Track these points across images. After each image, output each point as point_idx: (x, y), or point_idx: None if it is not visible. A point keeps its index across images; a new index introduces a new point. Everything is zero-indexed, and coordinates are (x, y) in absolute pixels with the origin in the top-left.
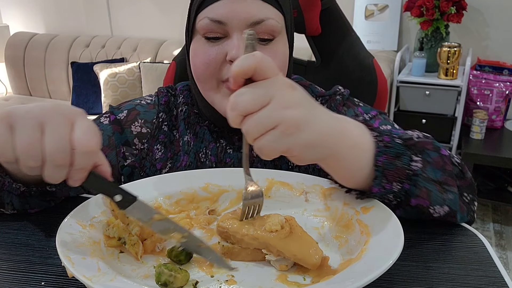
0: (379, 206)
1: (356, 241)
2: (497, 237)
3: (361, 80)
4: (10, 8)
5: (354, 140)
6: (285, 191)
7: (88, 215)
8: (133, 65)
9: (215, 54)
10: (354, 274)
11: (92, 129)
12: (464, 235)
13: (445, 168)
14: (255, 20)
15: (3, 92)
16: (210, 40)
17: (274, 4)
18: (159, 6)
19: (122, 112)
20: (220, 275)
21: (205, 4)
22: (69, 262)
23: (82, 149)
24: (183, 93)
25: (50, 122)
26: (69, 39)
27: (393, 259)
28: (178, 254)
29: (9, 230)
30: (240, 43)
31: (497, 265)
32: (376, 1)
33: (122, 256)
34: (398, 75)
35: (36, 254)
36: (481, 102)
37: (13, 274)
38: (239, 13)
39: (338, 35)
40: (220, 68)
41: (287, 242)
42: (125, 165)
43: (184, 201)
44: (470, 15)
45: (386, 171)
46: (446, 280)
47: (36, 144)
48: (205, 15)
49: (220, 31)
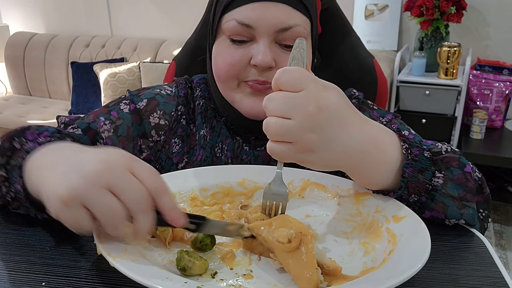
0: (412, 217)
1: (383, 250)
2: (497, 237)
3: (361, 80)
4: (10, 8)
5: (384, 154)
6: (319, 192)
7: None
8: (133, 65)
9: (239, 57)
10: (367, 283)
11: (150, 168)
12: (465, 236)
13: (466, 185)
14: (284, 26)
15: (3, 92)
16: (236, 43)
17: (303, 10)
18: (159, 6)
19: (142, 101)
20: (240, 269)
21: (233, 6)
22: (99, 240)
23: (156, 188)
24: (200, 86)
25: (115, 182)
26: (69, 39)
27: (408, 276)
28: (203, 239)
29: (10, 230)
30: (266, 49)
31: (498, 265)
32: (376, 1)
33: (153, 241)
34: (398, 75)
35: (37, 255)
36: (481, 102)
37: (14, 274)
38: (269, 19)
39: (338, 35)
40: (243, 70)
41: (288, 257)
42: (140, 158)
43: (220, 194)
44: (470, 15)
45: (409, 183)
46: (447, 280)
47: (117, 206)
48: (233, 17)
49: (247, 34)
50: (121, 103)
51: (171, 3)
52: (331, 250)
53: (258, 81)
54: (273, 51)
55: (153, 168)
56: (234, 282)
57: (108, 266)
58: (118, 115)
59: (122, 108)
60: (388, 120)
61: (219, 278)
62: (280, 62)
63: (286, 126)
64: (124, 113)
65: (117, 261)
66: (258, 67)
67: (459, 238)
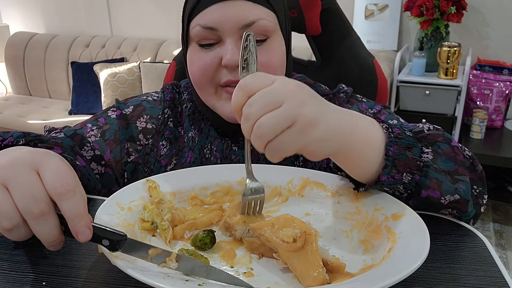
0: (411, 215)
1: (382, 248)
2: (497, 237)
3: (361, 80)
4: (10, 8)
5: (366, 133)
6: (318, 191)
7: (128, 198)
8: (133, 65)
9: (210, 60)
10: (367, 280)
11: (61, 167)
12: (465, 235)
13: (456, 159)
14: (246, 22)
15: (3, 92)
16: (204, 47)
17: (265, 3)
18: (159, 6)
19: (128, 107)
20: (240, 267)
21: (195, 11)
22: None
23: (58, 191)
24: (187, 89)
25: (11, 179)
26: (69, 39)
27: (407, 273)
28: (203, 238)
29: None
30: (233, 47)
31: (498, 264)
32: (376, 1)
33: (154, 240)
34: (398, 74)
35: (37, 255)
36: (481, 101)
37: (14, 274)
38: (230, 18)
39: (338, 35)
40: (216, 73)
41: (294, 256)
42: (128, 162)
43: (220, 193)
44: (470, 14)
45: (396, 161)
46: (447, 280)
47: (5, 203)
48: (197, 22)
49: (213, 37)
50: (108, 111)
51: (171, 3)
52: (330, 248)
53: (232, 81)
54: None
55: (65, 168)
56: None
57: (109, 266)
58: (106, 121)
59: (109, 115)
60: (377, 110)
61: None
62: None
63: (280, 112)
64: (111, 119)
65: (119, 259)
66: (228, 67)
67: (459, 237)
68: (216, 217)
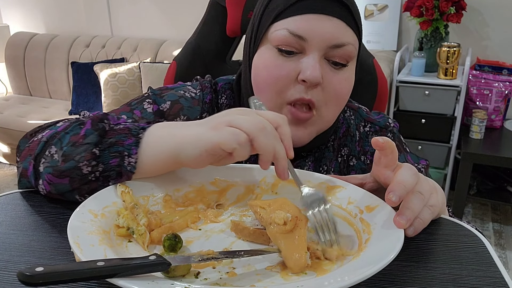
0: (383, 206)
1: (358, 240)
2: (496, 237)
3: (361, 80)
4: (10, 8)
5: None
6: (291, 188)
7: (100, 204)
8: (133, 65)
9: (287, 71)
10: (350, 271)
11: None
12: (465, 235)
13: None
14: (337, 43)
15: (3, 92)
16: (283, 53)
17: (355, 30)
18: (159, 6)
19: (165, 102)
20: (222, 267)
21: (286, 14)
22: (77, 248)
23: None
24: (225, 92)
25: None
26: (69, 39)
27: (389, 260)
28: (169, 238)
29: (9, 230)
30: (315, 64)
31: (498, 265)
32: (375, 1)
33: (130, 245)
34: (398, 75)
35: (36, 255)
36: (481, 102)
37: (14, 274)
38: (323, 32)
39: None
40: (288, 86)
41: (280, 237)
42: None
43: (193, 194)
44: (469, 15)
45: None
46: (447, 280)
47: (262, 120)
48: (285, 26)
49: (297, 46)
50: (144, 102)
51: (171, 3)
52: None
53: (304, 100)
54: (321, 67)
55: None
56: (219, 280)
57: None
58: (142, 114)
59: (145, 108)
60: (424, 166)
61: (203, 278)
62: (327, 81)
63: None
64: (147, 113)
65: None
66: (306, 83)
67: (459, 238)
68: (192, 219)
